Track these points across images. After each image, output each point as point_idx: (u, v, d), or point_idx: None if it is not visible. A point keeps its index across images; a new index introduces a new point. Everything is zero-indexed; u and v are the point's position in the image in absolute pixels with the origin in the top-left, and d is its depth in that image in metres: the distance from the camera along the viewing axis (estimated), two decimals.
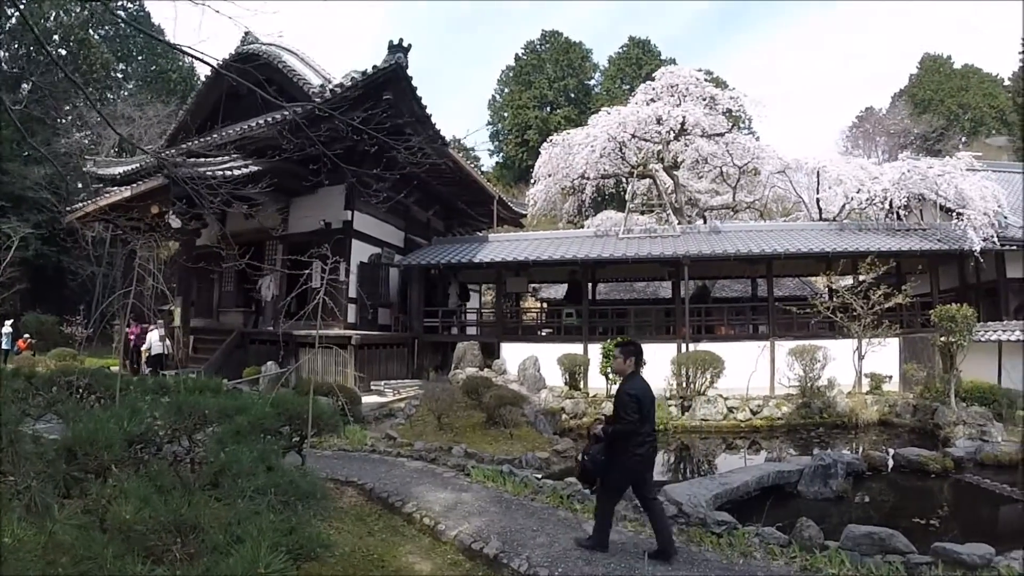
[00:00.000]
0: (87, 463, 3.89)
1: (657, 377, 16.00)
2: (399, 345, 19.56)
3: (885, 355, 16.54)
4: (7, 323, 23.07)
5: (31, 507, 3.44)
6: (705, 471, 11.29)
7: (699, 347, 17.02)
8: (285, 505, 3.71)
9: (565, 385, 16.77)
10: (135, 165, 19.58)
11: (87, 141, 34.19)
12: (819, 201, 23.65)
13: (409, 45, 15.21)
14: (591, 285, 22.80)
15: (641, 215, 27.73)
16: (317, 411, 6.48)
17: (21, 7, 19.90)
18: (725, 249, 18.21)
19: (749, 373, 16.54)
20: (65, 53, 35.88)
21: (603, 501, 6.00)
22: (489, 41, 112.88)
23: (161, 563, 2.98)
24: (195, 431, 5.16)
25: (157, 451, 4.87)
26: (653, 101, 23.30)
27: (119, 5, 41.32)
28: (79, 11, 35.05)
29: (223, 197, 8.14)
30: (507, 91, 65.54)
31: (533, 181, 25.01)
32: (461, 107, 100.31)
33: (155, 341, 17.78)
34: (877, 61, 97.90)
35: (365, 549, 5.89)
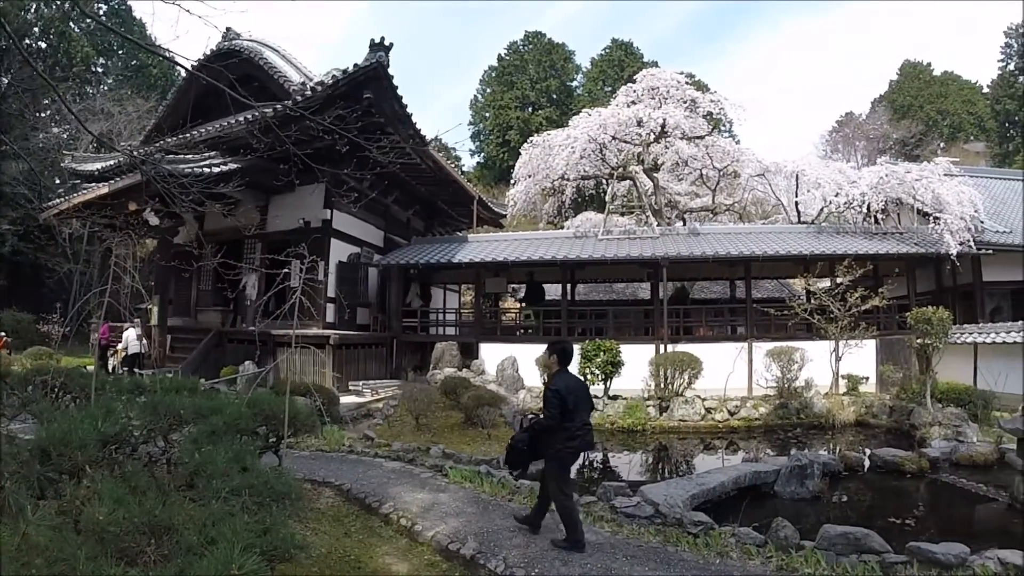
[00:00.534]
0: (61, 464, 3.87)
1: (635, 378, 16.16)
2: (378, 345, 19.49)
3: (862, 357, 16.66)
4: None
5: (5, 508, 3.43)
6: (683, 471, 11.31)
7: (678, 348, 17.04)
8: (260, 506, 3.70)
9: (543, 385, 16.70)
10: (113, 161, 19.36)
11: (65, 136, 33.81)
12: (798, 204, 23.81)
13: (391, 44, 15.09)
14: (570, 286, 22.79)
15: (621, 216, 27.81)
16: (294, 411, 6.47)
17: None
18: (704, 251, 18.30)
19: (727, 374, 16.61)
20: (45, 46, 35.46)
21: (555, 495, 6.17)
22: (472, 41, 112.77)
23: (135, 564, 2.97)
24: (170, 431, 5.14)
25: (132, 452, 4.85)
26: (634, 103, 23.33)
27: None
28: (59, 3, 34.63)
29: (195, 196, 8.03)
30: (489, 91, 65.33)
31: (513, 182, 24.94)
32: (443, 107, 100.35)
33: (132, 340, 17.59)
34: (860, 66, 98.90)
35: (342, 550, 5.87)
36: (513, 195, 24.82)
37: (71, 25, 36.19)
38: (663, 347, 17.38)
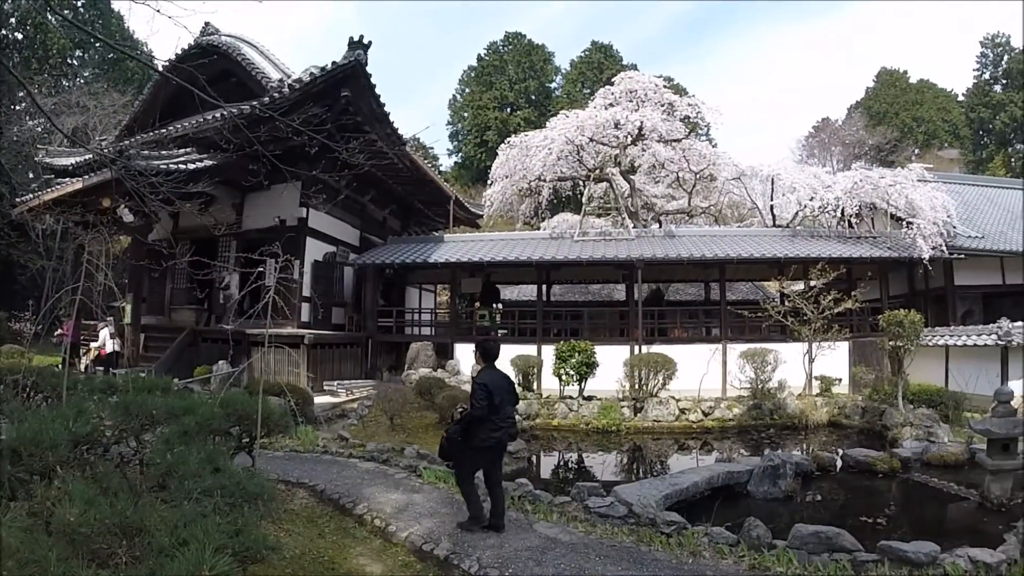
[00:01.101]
0: (32, 464, 3.84)
1: (610, 379, 16.23)
2: (353, 345, 19.41)
3: (835, 358, 16.87)
4: None
5: None
6: (657, 472, 11.36)
7: (652, 349, 17.13)
8: (232, 507, 3.69)
9: (518, 386, 16.69)
10: (88, 156, 19.15)
11: (40, 130, 33.29)
12: (773, 208, 24.06)
13: (369, 42, 15.02)
14: (546, 287, 22.83)
15: (597, 218, 27.94)
16: (267, 412, 6.45)
17: None
18: (679, 253, 18.42)
19: (701, 375, 16.75)
20: (21, 37, 34.92)
21: (462, 481, 6.60)
22: (452, 41, 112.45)
23: (107, 566, 2.96)
24: (143, 432, 5.11)
25: (104, 452, 4.81)
26: (612, 106, 23.44)
27: None
28: None
29: (163, 195, 7.93)
30: (468, 91, 65.23)
31: (490, 182, 25.01)
32: (421, 106, 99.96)
33: (107, 339, 17.39)
34: (839, 73, 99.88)
35: (315, 551, 5.86)
36: (490, 195, 24.88)
37: (48, 16, 35.70)
38: (638, 348, 17.46)
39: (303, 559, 5.61)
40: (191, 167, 14.98)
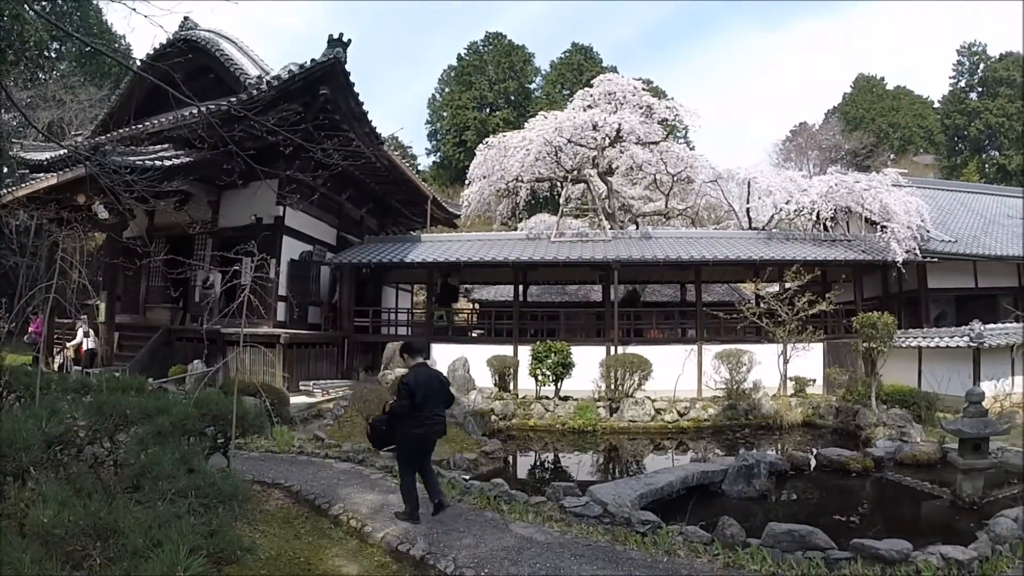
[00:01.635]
0: (5, 465, 3.81)
1: (586, 379, 16.30)
2: (329, 344, 19.27)
3: (810, 359, 17.06)
4: None
5: None
6: (632, 472, 11.42)
7: (628, 350, 17.19)
8: (206, 508, 3.69)
9: (495, 387, 16.73)
10: (64, 151, 18.92)
11: (15, 123, 32.81)
12: (749, 210, 24.24)
13: (349, 40, 14.92)
14: (523, 287, 22.85)
15: (574, 219, 28.06)
16: (242, 412, 6.42)
17: None
18: (655, 255, 18.51)
19: (677, 376, 16.87)
20: None
21: (401, 473, 6.99)
22: (432, 40, 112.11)
23: (81, 567, 2.96)
24: (117, 432, 5.07)
25: (78, 453, 4.78)
26: (590, 107, 23.52)
27: None
28: None
29: (139, 193, 7.86)
30: (447, 91, 64.97)
31: (468, 182, 24.98)
32: (402, 105, 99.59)
33: (83, 337, 17.19)
34: (815, 79, 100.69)
35: (291, 552, 5.86)
36: (468, 195, 24.86)
37: (25, 8, 35.18)
38: (614, 349, 17.53)
39: (279, 560, 5.60)
40: (166, 164, 14.82)
